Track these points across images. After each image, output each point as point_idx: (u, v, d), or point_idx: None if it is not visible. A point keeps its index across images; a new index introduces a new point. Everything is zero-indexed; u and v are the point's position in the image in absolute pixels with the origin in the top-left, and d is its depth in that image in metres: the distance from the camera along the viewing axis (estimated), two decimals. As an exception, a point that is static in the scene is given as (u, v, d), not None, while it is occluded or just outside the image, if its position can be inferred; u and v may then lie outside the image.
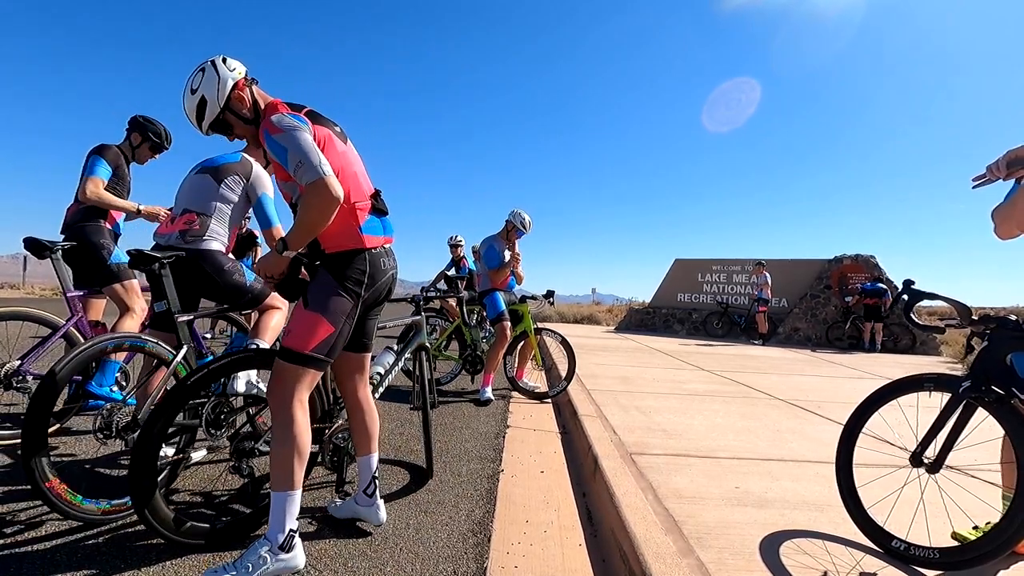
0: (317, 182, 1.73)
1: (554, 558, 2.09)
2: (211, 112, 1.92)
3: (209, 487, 2.48)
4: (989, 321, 1.96)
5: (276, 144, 1.79)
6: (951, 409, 1.97)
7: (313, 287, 1.88)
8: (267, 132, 1.82)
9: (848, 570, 1.88)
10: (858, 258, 12.87)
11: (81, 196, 3.18)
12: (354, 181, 1.97)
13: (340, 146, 1.96)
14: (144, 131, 3.48)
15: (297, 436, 1.80)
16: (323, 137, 1.90)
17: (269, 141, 1.81)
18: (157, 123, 3.56)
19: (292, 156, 1.75)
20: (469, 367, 5.26)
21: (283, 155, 1.78)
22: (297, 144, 1.76)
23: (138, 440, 1.80)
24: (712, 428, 3.83)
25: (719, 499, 2.47)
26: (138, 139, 3.50)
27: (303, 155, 1.74)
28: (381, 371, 2.56)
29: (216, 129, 1.98)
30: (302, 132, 1.80)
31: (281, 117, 1.83)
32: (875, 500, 2.13)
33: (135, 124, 3.49)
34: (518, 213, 5.14)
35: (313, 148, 1.78)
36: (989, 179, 1.83)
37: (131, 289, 3.30)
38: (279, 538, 1.75)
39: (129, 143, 3.49)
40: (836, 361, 9.05)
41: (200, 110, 1.92)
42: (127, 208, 3.36)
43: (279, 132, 1.79)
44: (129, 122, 3.51)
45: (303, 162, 1.74)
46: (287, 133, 1.78)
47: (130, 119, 3.51)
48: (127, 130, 3.51)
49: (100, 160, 3.25)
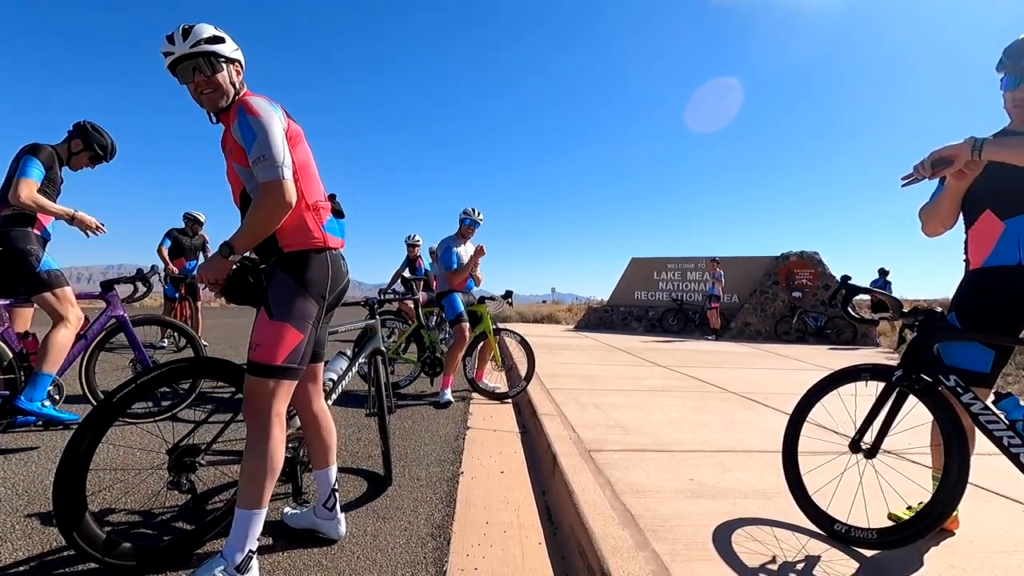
0: (274, 183, 1.67)
1: (514, 558, 2.10)
2: (221, 49, 1.79)
3: (147, 505, 2.36)
4: (918, 314, 2.08)
5: (248, 126, 1.70)
6: (885, 397, 2.08)
7: (275, 294, 1.79)
8: (243, 110, 1.72)
9: (795, 554, 1.96)
10: (803, 255, 13.47)
11: (12, 199, 2.95)
12: (316, 180, 1.92)
13: (306, 144, 1.90)
14: (87, 139, 3.28)
15: (272, 452, 1.74)
16: (296, 133, 1.84)
17: (242, 120, 1.71)
18: (105, 134, 3.36)
19: (258, 146, 1.68)
20: (428, 369, 5.21)
21: (250, 140, 1.69)
22: (267, 136, 1.69)
23: (63, 459, 1.68)
24: (668, 422, 3.93)
25: (674, 491, 2.54)
26: (79, 146, 3.28)
27: (268, 150, 1.67)
28: (334, 377, 2.49)
29: (195, 71, 1.77)
30: (277, 125, 1.73)
31: (262, 101, 1.76)
32: (819, 486, 2.23)
33: (80, 130, 3.28)
34: (469, 209, 5.17)
35: (281, 146, 1.71)
36: (916, 178, 1.93)
37: (64, 297, 3.11)
38: (237, 558, 1.67)
39: (68, 147, 3.27)
40: (784, 353, 9.44)
41: (212, 40, 1.78)
42: (61, 214, 3.15)
43: (256, 115, 1.70)
44: (74, 126, 3.30)
45: (266, 157, 1.67)
46: (263, 119, 1.70)
47: (76, 124, 3.30)
48: (69, 133, 3.29)
49: (33, 160, 3.03)
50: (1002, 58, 1.89)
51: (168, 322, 4.07)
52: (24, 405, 2.84)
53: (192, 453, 1.97)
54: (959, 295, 2.09)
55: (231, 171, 1.86)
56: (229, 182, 1.90)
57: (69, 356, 3.13)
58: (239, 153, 1.76)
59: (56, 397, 3.09)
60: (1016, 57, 1.85)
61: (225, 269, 1.74)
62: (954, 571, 1.85)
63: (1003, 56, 1.89)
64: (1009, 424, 1.80)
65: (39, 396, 2.91)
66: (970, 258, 2.07)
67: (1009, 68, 1.87)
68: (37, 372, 2.93)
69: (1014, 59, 1.86)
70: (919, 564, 1.90)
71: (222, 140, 1.86)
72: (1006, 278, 1.92)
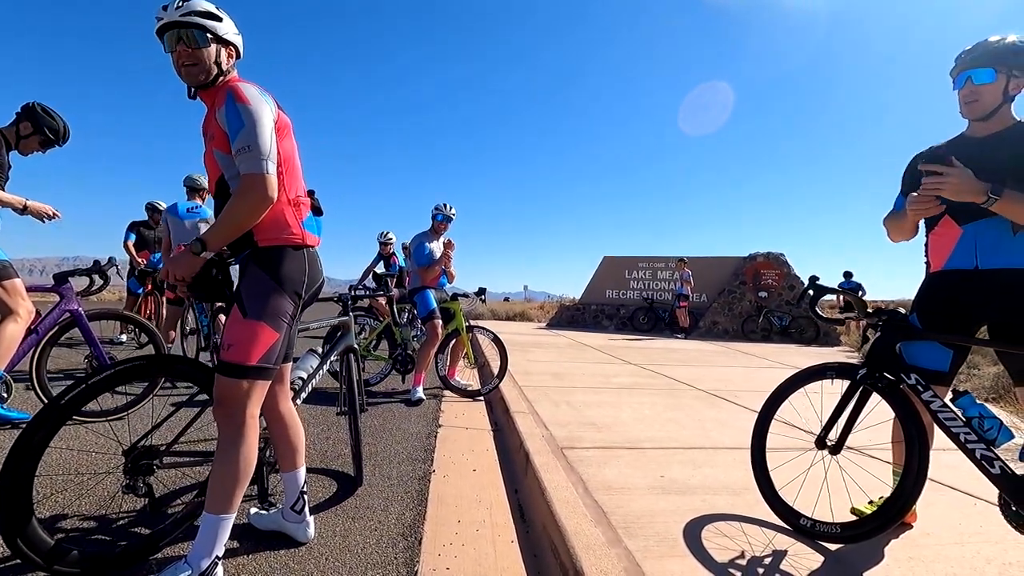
0: (256, 176, 1.61)
1: (486, 556, 2.08)
2: (214, 26, 1.71)
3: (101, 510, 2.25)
4: (881, 314, 2.14)
5: (236, 113, 1.62)
6: (850, 395, 2.14)
7: (248, 291, 1.72)
8: (232, 95, 1.65)
9: (763, 549, 2.00)
10: (769, 255, 13.81)
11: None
12: (298, 174, 1.86)
13: (292, 137, 1.84)
14: (36, 122, 3.11)
15: (245, 456, 1.68)
16: (284, 124, 1.77)
17: (230, 106, 1.64)
18: (56, 117, 3.19)
19: (244, 136, 1.61)
20: (400, 367, 5.14)
21: (236, 127, 1.62)
22: (255, 126, 1.62)
23: (7, 462, 1.58)
24: (639, 420, 3.97)
25: (646, 489, 2.56)
26: (28, 129, 3.12)
27: (254, 141, 1.61)
28: (303, 376, 2.42)
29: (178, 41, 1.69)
30: (267, 116, 1.66)
31: (252, 89, 1.69)
32: (785, 482, 2.27)
33: (28, 113, 3.11)
34: (440, 205, 5.13)
35: (269, 138, 1.64)
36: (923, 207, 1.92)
37: (13, 290, 2.95)
38: (202, 564, 1.61)
39: (16, 130, 3.10)
40: (750, 352, 9.67)
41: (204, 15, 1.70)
42: (12, 203, 2.98)
43: (245, 103, 1.63)
44: (22, 108, 3.12)
45: (251, 148, 1.60)
46: (253, 108, 1.63)
47: (24, 106, 3.13)
48: (17, 115, 3.12)
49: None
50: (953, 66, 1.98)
51: (128, 317, 3.91)
52: (-31, 404, 2.69)
53: (150, 455, 1.89)
54: (920, 297, 2.16)
55: (210, 156, 1.77)
56: (206, 168, 1.82)
57: (19, 352, 2.97)
58: (221, 139, 1.68)
59: (4, 395, 2.93)
60: (960, 60, 1.94)
61: (196, 266, 1.67)
62: (912, 563, 1.91)
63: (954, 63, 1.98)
64: (966, 421, 1.86)
65: (-14, 394, 2.75)
66: (930, 261, 2.13)
67: (955, 69, 1.95)
68: (-17, 369, 2.77)
69: (958, 62, 1.94)
70: (880, 557, 1.95)
71: (204, 123, 1.78)
72: (963, 280, 1.99)
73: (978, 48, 1.89)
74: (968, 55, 1.90)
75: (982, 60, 1.87)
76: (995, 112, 1.90)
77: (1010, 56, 1.84)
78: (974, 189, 1.73)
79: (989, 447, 1.81)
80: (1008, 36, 1.86)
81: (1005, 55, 1.84)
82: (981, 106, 1.91)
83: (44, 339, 3.23)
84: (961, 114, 2.00)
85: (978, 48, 1.89)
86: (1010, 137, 1.88)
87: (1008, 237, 1.89)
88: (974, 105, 1.92)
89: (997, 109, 1.90)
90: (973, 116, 1.95)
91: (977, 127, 1.97)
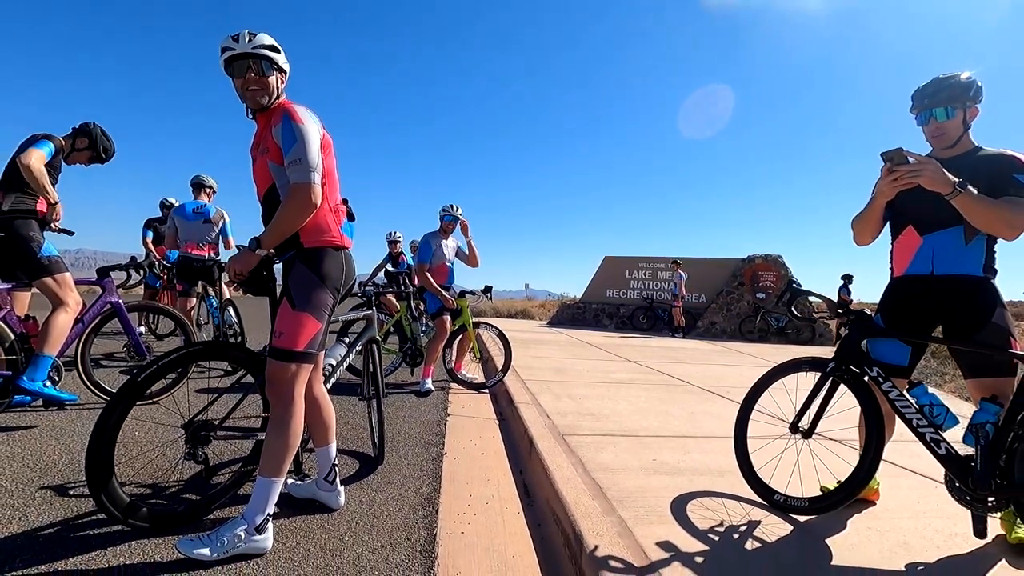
0: (303, 186, 1.88)
1: (496, 524, 2.35)
2: (276, 57, 2.00)
3: (162, 477, 2.54)
4: (850, 314, 2.41)
5: (290, 130, 1.90)
6: (820, 385, 2.40)
7: (296, 286, 1.99)
8: (288, 116, 1.93)
9: (739, 519, 2.27)
10: (768, 257, 14.08)
11: (23, 162, 3.05)
12: (337, 186, 2.14)
13: (333, 153, 2.12)
14: (93, 141, 3.43)
15: (294, 429, 1.97)
16: (327, 143, 2.05)
17: (286, 124, 1.91)
18: (110, 139, 3.52)
19: (296, 150, 1.88)
20: (409, 360, 5.42)
21: (290, 143, 1.90)
22: (306, 143, 1.90)
23: (94, 433, 1.85)
24: (635, 411, 4.24)
25: (638, 470, 2.83)
26: (83, 144, 3.43)
27: (305, 155, 1.88)
28: (333, 363, 2.70)
29: (248, 69, 1.97)
30: (315, 134, 1.94)
31: (305, 110, 1.97)
32: (763, 463, 2.54)
33: (86, 131, 3.42)
34: (448, 206, 5.33)
35: (316, 154, 1.92)
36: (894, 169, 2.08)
37: (64, 283, 3.22)
38: (257, 520, 1.89)
39: (72, 143, 3.40)
40: (746, 351, 9.93)
41: (271, 48, 1.98)
42: (51, 196, 3.22)
43: (299, 122, 1.92)
44: (81, 125, 3.43)
45: (301, 161, 1.88)
46: (305, 127, 1.91)
47: (83, 123, 3.43)
48: (75, 130, 3.42)
49: (47, 143, 3.20)
50: (911, 104, 2.25)
51: (160, 308, 4.19)
52: (27, 385, 2.96)
53: (206, 428, 2.17)
54: (883, 298, 2.43)
55: (261, 168, 2.04)
56: (255, 179, 2.10)
57: (67, 339, 3.25)
58: (276, 153, 1.96)
59: (56, 378, 3.21)
60: (919, 99, 2.21)
61: (253, 262, 1.95)
62: (870, 532, 2.18)
63: (911, 101, 2.25)
64: (918, 408, 2.13)
65: (40, 376, 3.03)
66: (894, 266, 2.40)
67: (915, 108, 2.23)
68: (38, 354, 3.05)
69: (917, 101, 2.22)
70: (842, 527, 2.23)
71: (256, 139, 2.06)
72: (921, 285, 2.26)
73: (934, 88, 2.16)
74: (926, 97, 2.17)
75: (941, 99, 2.14)
76: (958, 140, 2.18)
77: (964, 92, 2.11)
78: (945, 180, 1.96)
79: (937, 431, 2.08)
80: (962, 73, 2.14)
81: (960, 92, 2.11)
82: (947, 138, 2.19)
83: (88, 328, 3.51)
84: (929, 144, 2.27)
85: (934, 88, 2.16)
86: (970, 161, 2.15)
87: (961, 247, 2.17)
88: (941, 138, 2.20)
89: (959, 138, 2.18)
90: (941, 147, 2.23)
91: (942, 151, 2.25)
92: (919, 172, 1.99)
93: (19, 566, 1.74)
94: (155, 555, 1.86)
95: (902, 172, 2.03)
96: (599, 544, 1.95)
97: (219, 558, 1.82)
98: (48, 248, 3.20)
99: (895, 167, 2.05)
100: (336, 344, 2.76)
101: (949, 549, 2.08)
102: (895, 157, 2.05)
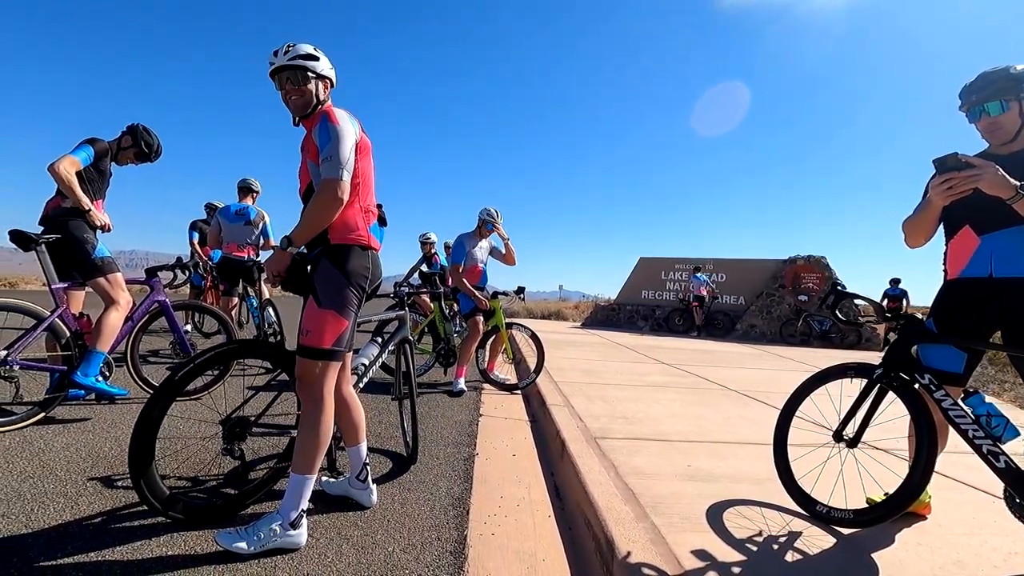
0: (332, 180, 1.93)
1: (526, 527, 2.34)
2: (313, 66, 2.06)
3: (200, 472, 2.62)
4: (900, 318, 2.29)
5: (327, 129, 1.97)
6: (867, 392, 2.30)
7: (320, 282, 2.03)
8: (326, 117, 2.00)
9: (779, 530, 2.19)
10: (810, 259, 13.60)
11: (51, 166, 3.14)
12: (371, 189, 2.18)
13: (371, 157, 2.17)
14: (136, 138, 3.60)
15: (324, 426, 2.01)
16: (365, 145, 2.11)
17: (323, 124, 1.99)
18: (154, 136, 3.69)
19: (329, 148, 1.94)
20: (442, 360, 5.46)
21: (326, 142, 1.96)
22: (340, 141, 1.95)
23: (138, 426, 1.93)
24: (669, 415, 4.15)
25: (672, 475, 2.77)
26: (128, 142, 3.60)
27: (337, 152, 1.94)
28: (365, 363, 2.74)
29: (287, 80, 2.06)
30: (350, 135, 2.00)
31: (343, 113, 2.04)
32: (804, 472, 2.45)
33: (131, 130, 3.62)
34: (486, 209, 5.35)
35: (349, 153, 1.97)
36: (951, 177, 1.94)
37: (116, 282, 3.38)
38: (291, 515, 1.93)
39: (119, 143, 3.58)
40: (786, 355, 9.62)
41: (306, 57, 2.06)
42: (81, 201, 3.26)
43: (335, 123, 1.98)
44: (127, 127, 3.63)
45: (333, 157, 1.93)
46: (340, 127, 1.97)
47: (129, 125, 3.63)
48: (122, 132, 3.62)
49: (87, 147, 3.34)
50: (960, 102, 2.13)
51: (204, 308, 4.35)
52: (80, 379, 3.11)
53: (243, 424, 2.23)
54: (937, 302, 2.30)
55: (304, 168, 2.12)
56: (299, 178, 2.16)
57: (117, 336, 3.40)
58: (314, 152, 2.02)
59: (107, 373, 3.37)
60: (966, 96, 2.09)
61: (285, 261, 1.99)
62: (920, 548, 2.07)
63: (959, 99, 2.13)
64: (975, 418, 2.01)
65: (93, 372, 3.18)
66: (948, 269, 2.27)
67: (964, 106, 2.11)
68: (91, 350, 3.20)
69: (965, 98, 2.10)
70: (890, 542, 2.12)
71: (303, 141, 2.13)
72: (979, 288, 2.13)
73: (982, 82, 2.04)
74: (974, 92, 2.05)
75: (991, 93, 2.01)
76: (1017, 135, 2.05)
77: (1017, 84, 1.98)
78: (1005, 184, 1.84)
79: (995, 443, 1.95)
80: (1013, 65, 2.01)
81: (1013, 84, 1.98)
82: (1004, 133, 2.06)
83: (137, 326, 3.66)
84: (985, 141, 2.14)
85: (982, 82, 2.04)
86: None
87: (1022, 248, 2.03)
88: (997, 133, 2.07)
89: (1019, 132, 2.05)
90: (997, 142, 2.10)
91: (1000, 147, 2.11)
92: (977, 177, 1.89)
93: (71, 552, 1.83)
94: (195, 547, 1.92)
95: (958, 179, 1.92)
96: (632, 550, 1.91)
97: (255, 551, 1.86)
98: (101, 249, 3.36)
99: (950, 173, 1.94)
100: (369, 344, 2.80)
101: (1009, 569, 1.96)
102: (949, 162, 1.93)
